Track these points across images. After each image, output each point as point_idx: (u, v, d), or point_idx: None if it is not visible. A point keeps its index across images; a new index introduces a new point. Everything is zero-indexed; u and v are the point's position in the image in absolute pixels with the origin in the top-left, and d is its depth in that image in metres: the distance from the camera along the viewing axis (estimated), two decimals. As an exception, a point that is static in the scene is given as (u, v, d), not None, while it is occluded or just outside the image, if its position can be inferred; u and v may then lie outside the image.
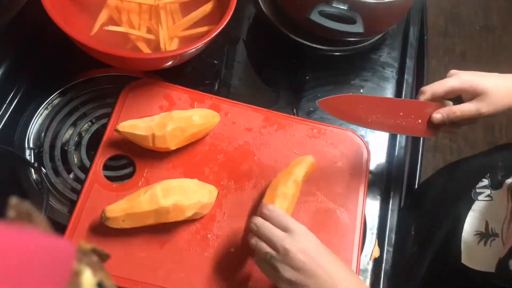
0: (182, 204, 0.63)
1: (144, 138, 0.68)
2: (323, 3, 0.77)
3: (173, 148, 0.69)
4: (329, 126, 0.78)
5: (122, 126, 0.68)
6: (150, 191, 0.63)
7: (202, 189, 0.66)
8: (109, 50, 0.69)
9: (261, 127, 0.76)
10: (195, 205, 0.64)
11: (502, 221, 0.58)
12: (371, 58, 0.93)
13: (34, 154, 0.72)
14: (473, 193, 0.64)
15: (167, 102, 0.76)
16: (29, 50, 0.80)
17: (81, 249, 0.28)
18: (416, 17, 0.99)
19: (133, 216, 0.62)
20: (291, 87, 0.87)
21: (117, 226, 0.63)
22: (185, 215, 0.64)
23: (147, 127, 0.68)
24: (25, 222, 0.22)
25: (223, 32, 0.72)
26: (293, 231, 0.56)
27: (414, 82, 0.93)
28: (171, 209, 0.63)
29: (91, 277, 0.26)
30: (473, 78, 0.65)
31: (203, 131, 0.72)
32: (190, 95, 0.77)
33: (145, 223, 0.63)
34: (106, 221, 0.62)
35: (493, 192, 0.61)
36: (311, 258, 0.54)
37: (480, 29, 2.17)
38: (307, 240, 0.56)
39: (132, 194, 0.64)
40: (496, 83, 0.64)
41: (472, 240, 0.61)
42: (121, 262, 0.63)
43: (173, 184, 0.65)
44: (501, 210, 0.59)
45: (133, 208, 0.62)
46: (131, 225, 0.63)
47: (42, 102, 0.76)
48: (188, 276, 0.64)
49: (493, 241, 0.59)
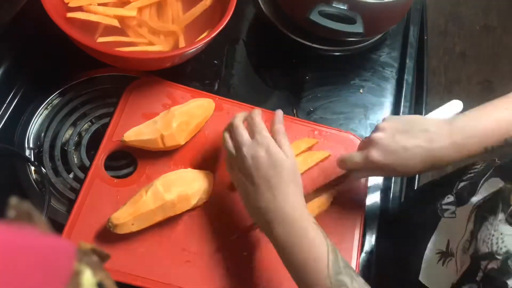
0: (186, 194, 0.65)
1: (153, 141, 0.68)
2: (323, 3, 0.77)
3: (183, 143, 0.71)
4: (328, 128, 0.79)
5: (128, 136, 0.68)
6: (151, 189, 0.64)
7: (199, 175, 0.68)
8: (109, 50, 0.69)
9: (261, 127, 0.77)
10: (198, 192, 0.66)
11: (459, 241, 0.56)
12: (371, 58, 0.93)
13: (34, 154, 0.72)
14: (439, 210, 0.62)
15: (170, 100, 0.76)
16: (29, 50, 0.80)
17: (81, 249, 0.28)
18: (416, 17, 0.99)
19: (141, 217, 0.63)
20: (291, 87, 0.87)
21: (126, 231, 0.62)
22: (191, 204, 0.65)
23: (153, 130, 0.68)
24: (25, 222, 0.22)
25: (223, 32, 0.72)
26: (257, 141, 0.59)
27: (414, 82, 0.93)
28: (176, 201, 0.64)
29: (91, 277, 0.26)
30: (384, 159, 0.60)
31: (205, 119, 0.74)
32: (193, 94, 0.77)
33: (154, 221, 0.64)
34: (115, 228, 0.62)
35: (458, 209, 0.60)
36: (257, 169, 0.57)
37: (480, 29, 2.18)
38: (266, 154, 0.58)
39: (133, 197, 0.64)
40: (409, 164, 0.59)
41: (433, 259, 0.60)
42: (121, 257, 0.63)
43: (171, 177, 0.66)
44: (460, 228, 0.57)
45: (139, 210, 0.62)
46: (140, 226, 0.63)
47: (42, 102, 0.76)
48: (187, 270, 0.64)
49: (449, 261, 0.57)
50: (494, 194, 0.54)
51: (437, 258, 0.59)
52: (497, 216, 0.50)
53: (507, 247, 0.47)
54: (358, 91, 0.88)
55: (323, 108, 0.85)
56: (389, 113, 0.87)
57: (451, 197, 0.62)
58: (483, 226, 0.51)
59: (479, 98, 0.63)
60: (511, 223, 0.48)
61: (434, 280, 0.59)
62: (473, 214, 0.56)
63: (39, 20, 0.69)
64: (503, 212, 0.50)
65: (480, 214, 0.54)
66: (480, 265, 0.49)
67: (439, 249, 0.60)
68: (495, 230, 0.49)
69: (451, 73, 2.06)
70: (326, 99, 0.86)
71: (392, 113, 0.87)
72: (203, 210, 0.69)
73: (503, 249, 0.47)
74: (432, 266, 0.60)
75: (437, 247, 0.60)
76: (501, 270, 0.46)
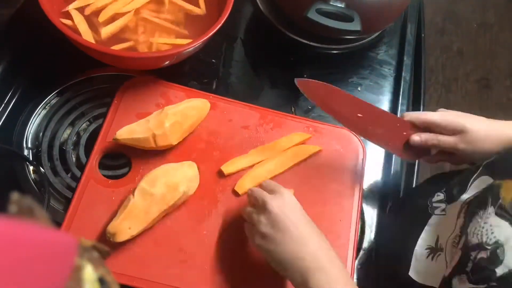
0: (172, 182, 0.65)
1: (145, 140, 0.68)
2: (321, 1, 0.77)
3: (175, 143, 0.70)
4: (325, 124, 0.79)
5: (120, 134, 0.68)
6: (137, 189, 0.64)
7: (181, 166, 0.68)
8: (107, 50, 0.69)
9: (257, 125, 0.77)
10: (184, 179, 0.66)
11: (448, 237, 0.58)
12: (369, 56, 0.93)
13: (33, 154, 0.72)
14: (429, 207, 0.63)
15: (164, 100, 0.76)
16: (27, 50, 0.80)
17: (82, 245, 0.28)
18: (414, 15, 0.99)
19: (136, 219, 0.62)
20: (289, 85, 0.86)
21: (126, 237, 0.62)
22: (180, 192, 0.65)
23: (146, 129, 0.68)
24: (26, 217, 0.22)
25: (221, 30, 0.72)
26: (278, 192, 0.60)
27: (412, 80, 0.93)
28: (165, 192, 0.64)
29: (92, 272, 0.27)
30: (455, 118, 0.65)
31: (198, 120, 0.74)
32: (187, 93, 0.77)
33: (151, 220, 0.63)
34: (113, 237, 0.61)
35: (448, 206, 0.61)
36: (285, 214, 0.57)
37: (477, 26, 2.18)
38: (289, 201, 0.59)
39: (122, 204, 0.64)
40: (478, 126, 0.64)
41: (422, 254, 0.61)
42: (116, 257, 0.64)
43: (154, 173, 0.66)
44: (450, 225, 0.58)
45: (131, 212, 0.62)
46: (138, 228, 0.63)
47: (40, 102, 0.76)
48: (184, 271, 0.64)
49: (439, 256, 0.58)
50: (483, 191, 0.55)
51: (426, 253, 0.61)
52: (487, 209, 0.51)
53: (496, 237, 0.48)
54: (356, 89, 0.89)
55: (321, 106, 0.85)
56: (387, 111, 0.87)
57: (441, 195, 0.64)
58: (473, 220, 0.53)
59: (476, 96, 0.64)
60: (500, 215, 0.50)
61: (424, 275, 0.60)
62: (463, 210, 0.58)
63: (36, 20, 0.69)
64: (492, 206, 0.51)
65: (470, 210, 0.55)
66: (470, 256, 0.50)
67: (429, 245, 0.61)
68: (485, 223, 0.50)
69: (448, 70, 2.06)
70: (324, 97, 0.86)
71: (390, 111, 0.87)
72: (199, 210, 0.69)
73: (493, 240, 0.49)
74: (421, 261, 0.61)
75: (427, 243, 0.61)
76: (490, 260, 0.48)
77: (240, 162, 0.73)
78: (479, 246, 0.49)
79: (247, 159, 0.73)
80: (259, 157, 0.73)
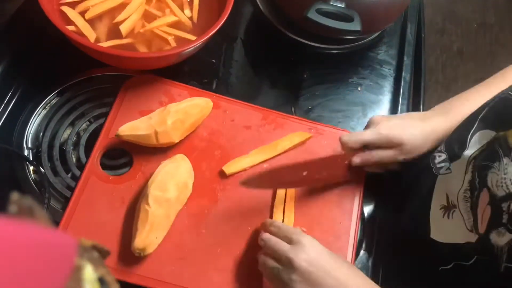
0: (181, 181, 0.66)
1: (147, 137, 0.68)
2: (321, 1, 0.78)
3: (177, 140, 0.70)
4: (326, 126, 0.79)
5: (122, 130, 0.68)
6: (150, 199, 0.63)
7: (178, 161, 0.69)
8: (107, 50, 0.69)
9: (259, 125, 0.77)
10: (187, 174, 0.68)
11: (457, 193, 0.58)
12: (369, 56, 0.93)
13: (33, 154, 0.72)
14: (434, 169, 0.64)
15: (167, 98, 0.76)
16: (27, 50, 0.80)
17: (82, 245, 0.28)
18: (414, 15, 0.99)
19: (160, 227, 0.63)
20: (289, 85, 0.87)
21: (155, 247, 0.62)
22: (189, 188, 0.68)
23: (148, 126, 0.68)
24: (26, 217, 0.22)
25: (221, 30, 0.72)
26: (297, 242, 0.58)
27: (412, 80, 0.93)
28: (178, 193, 0.65)
29: (92, 272, 0.27)
30: (390, 131, 0.68)
31: (201, 119, 0.74)
32: (190, 91, 0.77)
33: (171, 223, 0.65)
34: (144, 251, 0.61)
35: (452, 164, 0.62)
36: (315, 267, 0.56)
37: (477, 26, 2.18)
38: (312, 249, 0.57)
39: (139, 217, 0.63)
40: (414, 133, 0.68)
41: (438, 215, 0.61)
42: (115, 254, 0.64)
43: (159, 177, 0.66)
44: (457, 181, 0.59)
45: (154, 223, 0.62)
46: (163, 234, 0.64)
47: (40, 102, 0.76)
48: (182, 269, 0.64)
49: (454, 212, 0.59)
50: (489, 144, 0.56)
51: (441, 213, 0.61)
52: (502, 161, 0.52)
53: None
54: (356, 89, 0.89)
55: (321, 106, 0.85)
56: (387, 111, 0.87)
57: (443, 155, 0.64)
58: (489, 174, 0.53)
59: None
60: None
61: (445, 234, 0.60)
62: (470, 166, 0.58)
63: (36, 20, 0.69)
64: (506, 156, 0.52)
65: (478, 164, 0.56)
66: (502, 208, 0.50)
67: (442, 204, 0.61)
68: (505, 174, 0.51)
69: (448, 70, 2.06)
70: (324, 97, 0.86)
71: (390, 111, 0.87)
72: (199, 209, 0.69)
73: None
74: (439, 221, 0.61)
75: (440, 202, 0.62)
76: None
77: (241, 162, 0.73)
78: (508, 196, 0.50)
79: (248, 159, 0.73)
80: (260, 157, 0.73)
